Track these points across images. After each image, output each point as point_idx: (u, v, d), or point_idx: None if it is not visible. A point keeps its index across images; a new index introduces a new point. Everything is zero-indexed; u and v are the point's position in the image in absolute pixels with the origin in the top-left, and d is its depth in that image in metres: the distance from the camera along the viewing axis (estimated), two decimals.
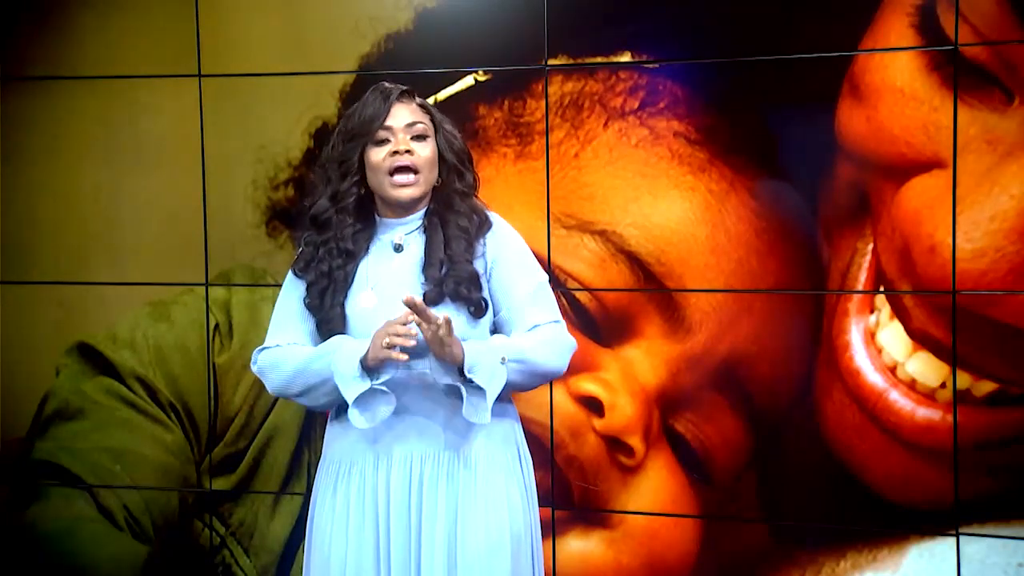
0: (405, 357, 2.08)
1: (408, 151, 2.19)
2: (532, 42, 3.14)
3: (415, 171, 2.20)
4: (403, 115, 2.22)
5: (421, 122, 2.23)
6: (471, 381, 2.11)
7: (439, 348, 2.08)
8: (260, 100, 3.32)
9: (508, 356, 2.15)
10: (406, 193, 2.21)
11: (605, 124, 3.12)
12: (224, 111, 3.34)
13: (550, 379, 2.34)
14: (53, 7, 3.44)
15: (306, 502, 3.39)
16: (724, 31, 3.04)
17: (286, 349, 2.24)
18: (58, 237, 3.50)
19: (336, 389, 2.15)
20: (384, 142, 2.20)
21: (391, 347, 2.08)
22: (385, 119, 2.20)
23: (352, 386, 2.12)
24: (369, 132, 2.20)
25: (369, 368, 2.12)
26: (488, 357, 2.13)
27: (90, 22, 3.41)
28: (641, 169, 3.11)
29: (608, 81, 3.11)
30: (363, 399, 2.13)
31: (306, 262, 2.25)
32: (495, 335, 2.22)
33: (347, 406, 2.14)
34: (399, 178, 2.20)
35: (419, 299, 2.08)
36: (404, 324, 2.08)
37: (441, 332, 2.06)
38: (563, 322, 2.29)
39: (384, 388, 2.13)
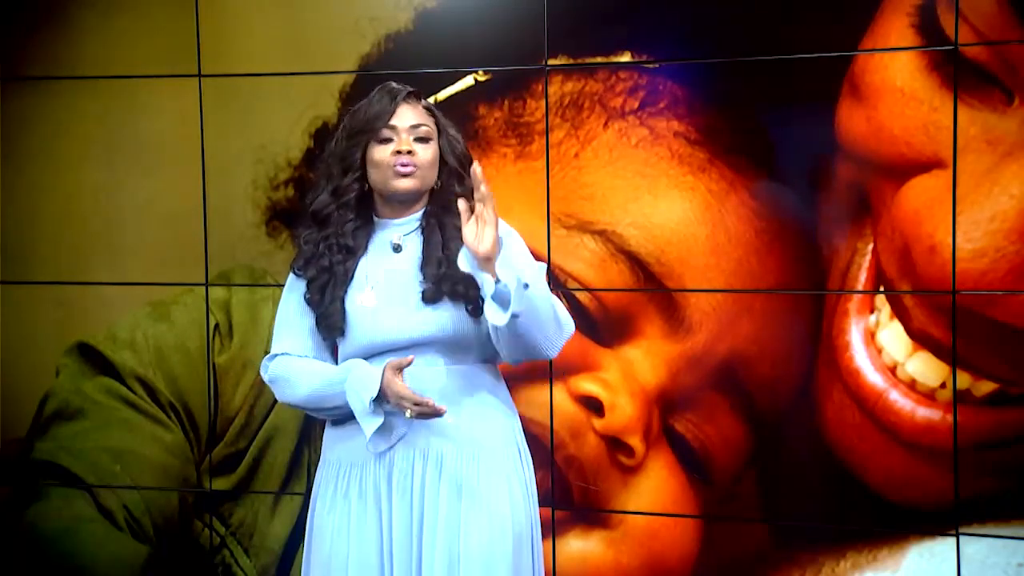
0: (414, 419, 2.14)
1: (410, 151, 2.21)
2: (532, 42, 3.14)
3: (416, 168, 2.22)
4: (408, 116, 2.23)
5: (425, 124, 2.24)
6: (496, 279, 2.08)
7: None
8: (260, 100, 3.32)
9: (532, 283, 2.09)
10: (405, 184, 2.21)
11: (605, 124, 3.12)
12: (224, 111, 3.34)
13: (546, 345, 2.19)
14: (53, 7, 3.44)
15: (306, 502, 3.39)
16: (724, 31, 3.04)
17: (298, 366, 2.26)
18: (58, 237, 3.49)
19: (345, 409, 2.19)
20: (387, 140, 2.22)
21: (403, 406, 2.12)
22: (390, 118, 2.22)
23: (368, 422, 2.15)
24: (373, 130, 2.22)
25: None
26: (517, 261, 2.09)
27: (90, 22, 3.41)
28: (641, 169, 3.11)
29: (608, 81, 3.11)
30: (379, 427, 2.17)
31: (306, 259, 2.27)
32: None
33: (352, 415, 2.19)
34: (401, 168, 2.21)
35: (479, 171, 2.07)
36: (417, 403, 2.10)
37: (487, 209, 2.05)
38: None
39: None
